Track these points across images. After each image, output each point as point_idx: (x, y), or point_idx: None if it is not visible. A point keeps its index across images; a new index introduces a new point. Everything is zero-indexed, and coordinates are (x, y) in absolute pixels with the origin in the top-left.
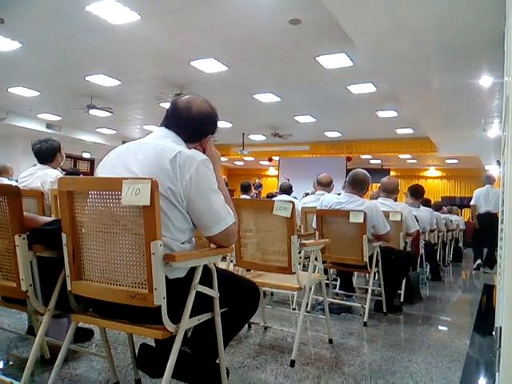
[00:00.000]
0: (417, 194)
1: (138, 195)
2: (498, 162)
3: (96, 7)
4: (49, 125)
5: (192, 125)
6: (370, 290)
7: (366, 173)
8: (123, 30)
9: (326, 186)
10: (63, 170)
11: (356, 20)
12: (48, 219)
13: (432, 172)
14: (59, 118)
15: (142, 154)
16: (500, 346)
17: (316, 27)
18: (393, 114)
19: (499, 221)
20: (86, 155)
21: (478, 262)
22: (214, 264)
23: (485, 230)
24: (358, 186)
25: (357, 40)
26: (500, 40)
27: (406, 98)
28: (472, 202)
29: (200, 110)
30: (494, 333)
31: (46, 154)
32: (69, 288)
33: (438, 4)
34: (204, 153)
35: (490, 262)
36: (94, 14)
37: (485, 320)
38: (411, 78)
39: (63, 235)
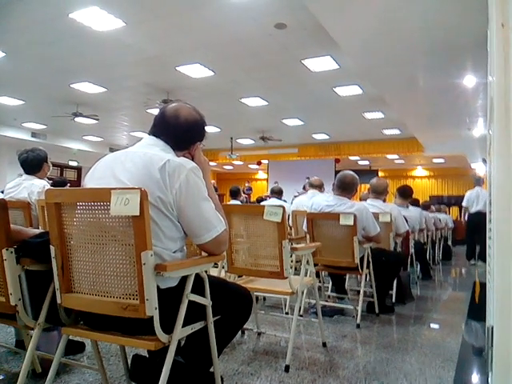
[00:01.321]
0: (405, 194)
1: (127, 205)
2: (484, 161)
3: (80, 15)
4: (34, 133)
5: (180, 132)
6: (361, 292)
7: (354, 174)
8: (108, 37)
9: (318, 187)
10: (50, 179)
11: (340, 23)
12: (35, 231)
13: (420, 171)
14: (44, 127)
15: (130, 162)
16: (492, 345)
17: (301, 31)
18: (379, 115)
19: (487, 220)
20: (73, 163)
21: (472, 262)
22: (206, 271)
23: (476, 228)
24: (346, 188)
25: (342, 42)
26: (484, 40)
27: (392, 99)
28: (463, 204)
29: (188, 117)
30: (485, 331)
31: (33, 164)
32: (59, 301)
33: (424, 5)
34: (193, 160)
35: (483, 256)
36: (78, 22)
37: (476, 318)
38: (397, 79)
39: (51, 248)
